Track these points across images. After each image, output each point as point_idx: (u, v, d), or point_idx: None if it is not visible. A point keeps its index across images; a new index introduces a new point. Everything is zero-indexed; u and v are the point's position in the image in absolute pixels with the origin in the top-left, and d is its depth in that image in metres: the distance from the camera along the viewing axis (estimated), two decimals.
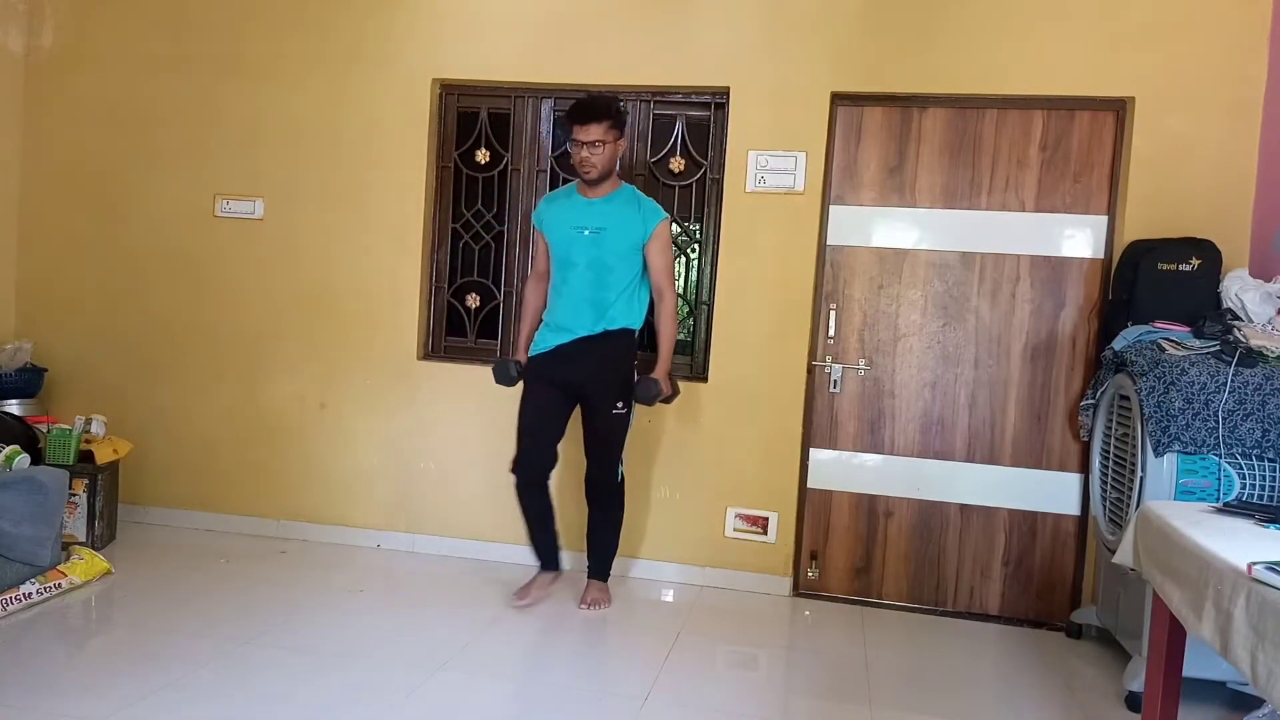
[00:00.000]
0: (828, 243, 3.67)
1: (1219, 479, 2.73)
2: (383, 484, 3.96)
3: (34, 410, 4.00)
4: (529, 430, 3.31)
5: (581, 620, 3.30)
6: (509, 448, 3.34)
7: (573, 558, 3.79)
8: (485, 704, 2.61)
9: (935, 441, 3.62)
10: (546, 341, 3.29)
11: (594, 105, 3.15)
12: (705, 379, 3.74)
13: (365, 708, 2.51)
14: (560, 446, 3.38)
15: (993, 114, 3.54)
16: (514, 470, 3.31)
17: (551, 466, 3.36)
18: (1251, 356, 2.75)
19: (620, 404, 3.26)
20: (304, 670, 2.71)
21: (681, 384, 3.74)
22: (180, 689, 2.53)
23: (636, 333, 3.32)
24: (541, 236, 3.36)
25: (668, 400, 3.36)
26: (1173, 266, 3.11)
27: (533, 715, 2.56)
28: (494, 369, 3.38)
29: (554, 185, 3.91)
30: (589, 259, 3.21)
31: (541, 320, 3.36)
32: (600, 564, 3.45)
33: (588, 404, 3.30)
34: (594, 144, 3.12)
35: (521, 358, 3.39)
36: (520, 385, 3.35)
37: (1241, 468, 2.72)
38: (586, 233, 3.20)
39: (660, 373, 3.28)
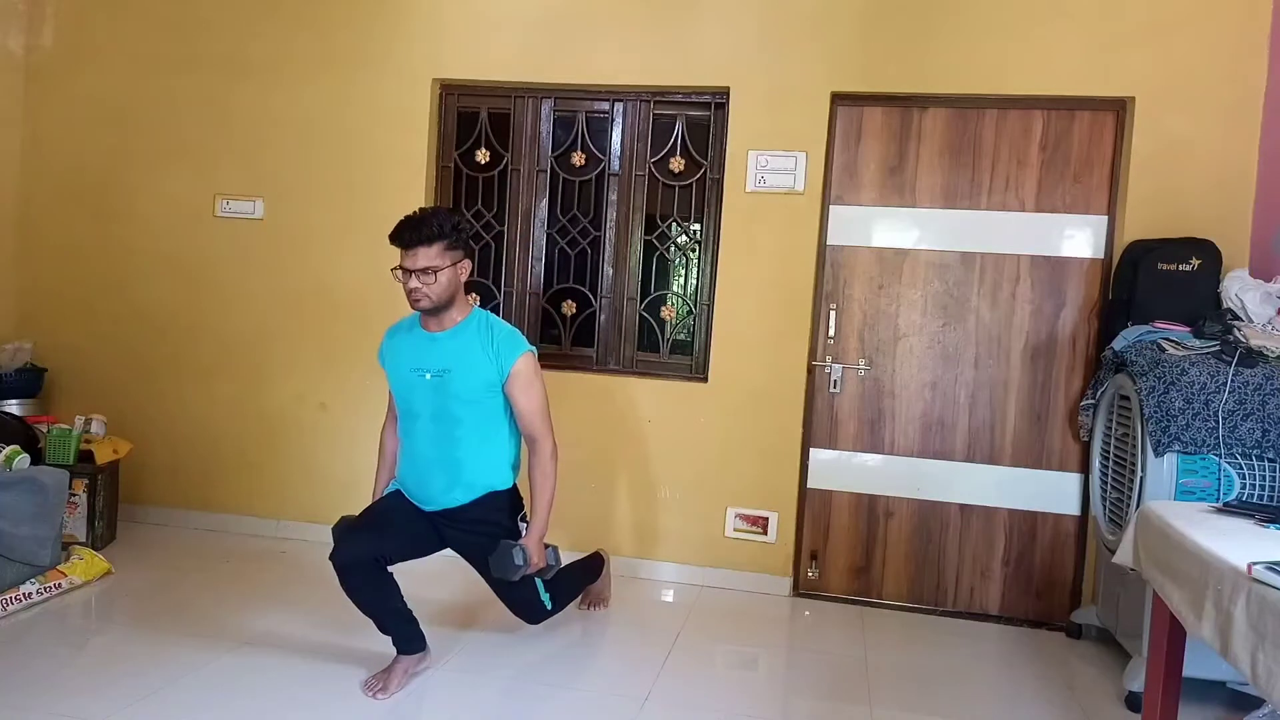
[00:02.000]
0: (828, 243, 3.67)
1: (1219, 479, 2.73)
2: None
3: (34, 410, 4.00)
4: (373, 522, 2.70)
5: (581, 620, 3.30)
6: None
7: (568, 558, 3.79)
8: (485, 704, 2.61)
9: (935, 441, 3.62)
10: (408, 493, 2.80)
11: (421, 226, 2.56)
12: (705, 379, 3.74)
13: (365, 707, 2.51)
14: None
15: (993, 114, 3.54)
16: (333, 553, 2.60)
17: (389, 562, 2.67)
18: (1251, 356, 2.75)
19: (519, 563, 2.70)
20: (304, 670, 2.71)
21: (682, 384, 3.75)
22: (180, 689, 2.53)
23: (510, 490, 2.80)
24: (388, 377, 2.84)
25: (541, 575, 2.79)
26: (1173, 266, 3.11)
27: (533, 715, 2.56)
28: (334, 530, 2.75)
29: (554, 186, 3.92)
30: (433, 409, 2.67)
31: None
32: (586, 581, 3.26)
33: (479, 571, 2.82)
34: (425, 271, 2.55)
35: None
36: None
37: (1241, 468, 2.72)
38: (428, 376, 2.66)
39: (532, 540, 2.69)
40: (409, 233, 2.57)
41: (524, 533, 2.75)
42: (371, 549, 2.62)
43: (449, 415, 2.67)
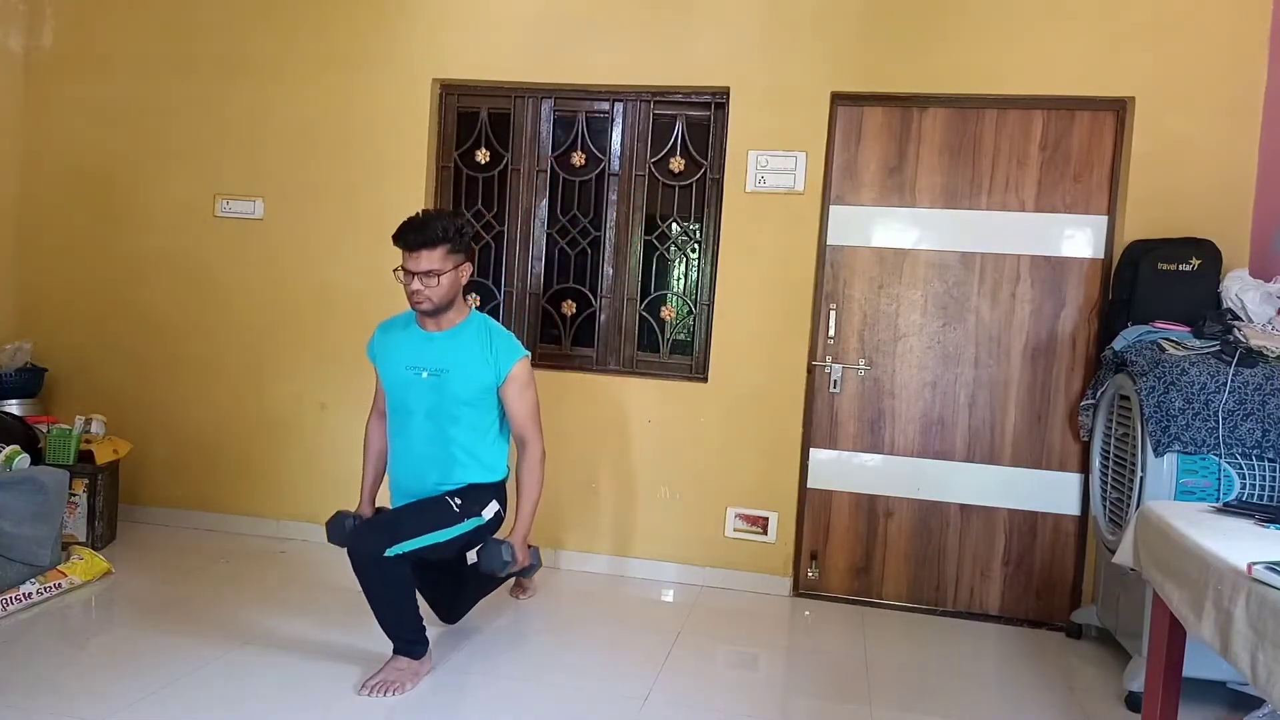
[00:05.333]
0: (828, 243, 3.67)
1: (1219, 479, 2.73)
2: (382, 484, 3.95)
3: (34, 410, 4.00)
4: (422, 591, 2.81)
5: (582, 620, 3.29)
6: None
7: (564, 556, 3.81)
8: (485, 704, 2.61)
9: (935, 441, 3.62)
10: (401, 489, 2.85)
11: (426, 228, 2.59)
12: (705, 379, 3.73)
13: (365, 708, 2.51)
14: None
15: (993, 114, 3.54)
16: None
17: (465, 594, 3.04)
18: (1251, 356, 2.75)
19: (458, 503, 2.70)
20: (304, 671, 2.71)
21: (682, 384, 3.75)
22: (180, 689, 2.53)
23: (502, 482, 2.86)
24: (377, 372, 2.87)
25: (524, 573, 2.86)
26: (1173, 266, 3.11)
27: (532, 715, 2.55)
28: (328, 524, 2.85)
29: (554, 186, 3.92)
30: (429, 407, 2.70)
31: (385, 465, 2.95)
32: (393, 641, 2.69)
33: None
34: (428, 274, 2.59)
35: (365, 510, 2.95)
36: None
37: (1241, 468, 2.72)
38: (425, 374, 2.68)
39: (517, 537, 2.74)
40: (412, 235, 2.60)
41: (481, 514, 2.75)
42: (457, 609, 2.96)
43: (445, 414, 2.71)
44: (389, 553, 2.54)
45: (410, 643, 2.67)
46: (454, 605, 3.02)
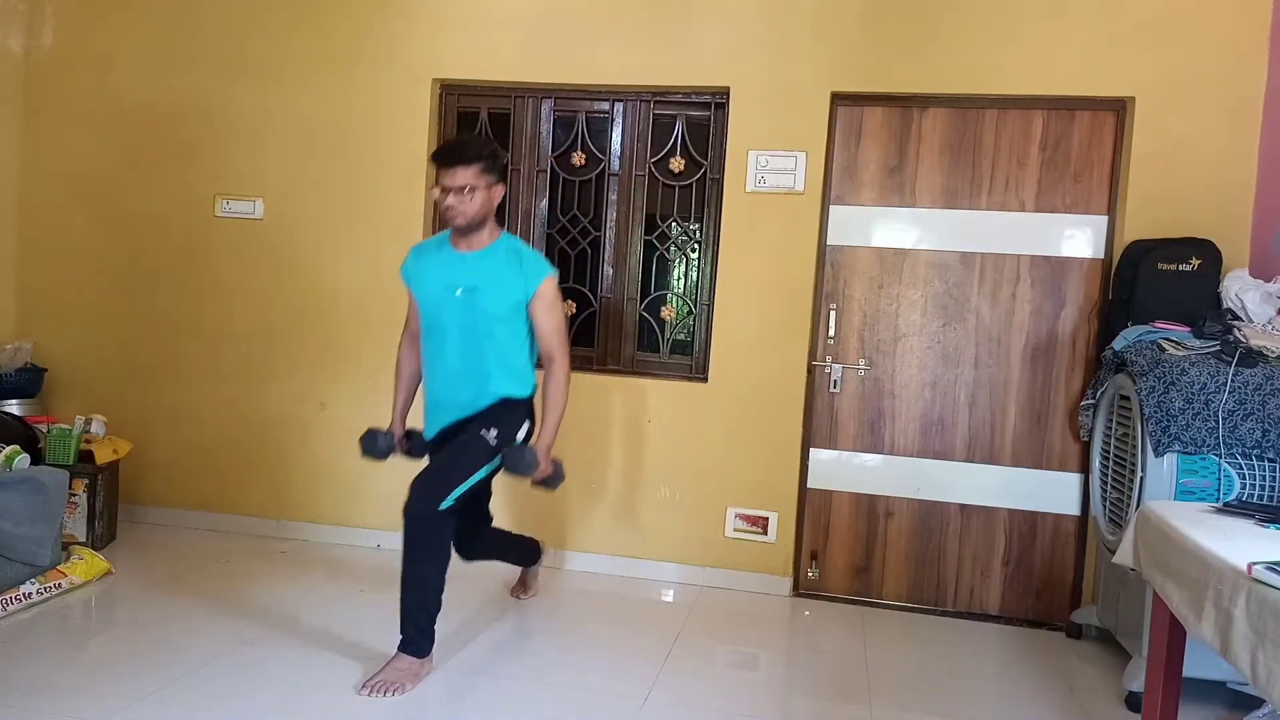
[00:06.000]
0: (828, 243, 3.67)
1: (1219, 479, 2.73)
2: (383, 484, 3.95)
3: (34, 410, 4.00)
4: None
5: (582, 620, 3.30)
6: None
7: (564, 556, 3.81)
8: (485, 704, 2.61)
9: (935, 441, 3.62)
10: (432, 424, 2.91)
11: (463, 147, 2.77)
12: (705, 379, 3.74)
13: (364, 708, 2.51)
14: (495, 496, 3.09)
15: (993, 114, 3.54)
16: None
17: (486, 528, 3.12)
18: (1251, 356, 2.75)
19: (494, 433, 2.76)
20: (304, 671, 2.71)
21: (682, 384, 3.75)
22: (180, 689, 2.53)
23: (531, 398, 2.90)
24: (410, 293, 2.95)
25: (547, 484, 2.91)
26: (1173, 266, 3.11)
27: (532, 715, 2.56)
28: (361, 440, 2.94)
29: (554, 186, 3.92)
30: (462, 324, 2.78)
31: (416, 386, 3.03)
32: (406, 630, 2.71)
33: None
34: (462, 189, 2.70)
35: (397, 429, 3.01)
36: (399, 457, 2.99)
37: (1241, 468, 2.72)
38: (459, 292, 2.77)
39: (542, 446, 2.81)
40: (450, 152, 2.75)
41: (515, 439, 2.82)
42: (474, 537, 2.98)
43: (477, 330, 2.79)
44: (443, 506, 2.64)
45: (421, 634, 2.70)
46: (474, 542, 3.04)
